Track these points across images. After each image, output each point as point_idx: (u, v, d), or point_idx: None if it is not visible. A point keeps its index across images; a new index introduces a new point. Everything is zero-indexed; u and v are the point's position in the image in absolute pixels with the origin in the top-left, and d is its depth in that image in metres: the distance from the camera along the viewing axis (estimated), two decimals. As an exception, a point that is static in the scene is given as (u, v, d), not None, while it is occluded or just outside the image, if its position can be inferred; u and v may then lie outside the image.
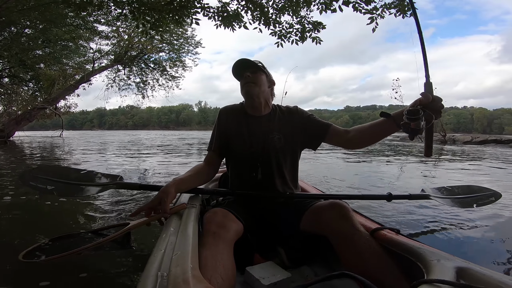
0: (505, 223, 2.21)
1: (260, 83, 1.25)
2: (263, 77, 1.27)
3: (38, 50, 12.99)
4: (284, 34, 4.18)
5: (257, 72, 1.26)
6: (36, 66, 13.54)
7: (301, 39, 4.15)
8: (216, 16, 3.95)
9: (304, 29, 4.09)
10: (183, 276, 0.64)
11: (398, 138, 20.48)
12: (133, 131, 54.75)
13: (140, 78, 17.47)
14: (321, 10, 3.77)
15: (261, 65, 1.28)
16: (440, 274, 0.69)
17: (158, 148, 10.05)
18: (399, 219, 2.23)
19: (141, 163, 5.50)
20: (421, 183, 3.69)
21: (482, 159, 7.18)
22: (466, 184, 2.16)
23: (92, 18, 11.55)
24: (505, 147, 12.69)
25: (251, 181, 1.26)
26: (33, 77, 14.57)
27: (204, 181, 1.32)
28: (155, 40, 14.79)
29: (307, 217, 1.12)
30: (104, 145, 10.99)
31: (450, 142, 15.55)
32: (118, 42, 14.83)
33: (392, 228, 1.02)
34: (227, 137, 1.31)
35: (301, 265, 1.17)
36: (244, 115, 1.32)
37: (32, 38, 11.72)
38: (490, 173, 4.74)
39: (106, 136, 21.32)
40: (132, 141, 14.98)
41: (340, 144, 1.26)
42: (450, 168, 5.23)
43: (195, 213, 1.10)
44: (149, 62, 17.01)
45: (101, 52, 15.22)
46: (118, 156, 7.00)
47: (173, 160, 6.08)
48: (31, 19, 10.18)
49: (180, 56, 16.73)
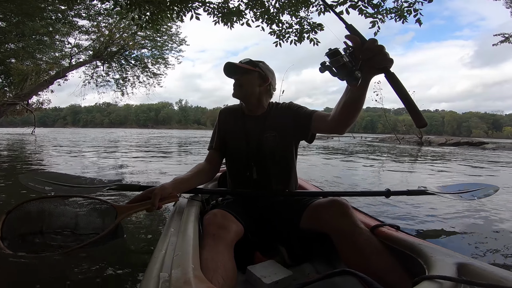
0: (504, 220, 2.28)
1: (247, 85, 1.25)
2: (252, 77, 1.25)
3: (11, 44, 12.21)
4: (283, 33, 4.18)
5: (244, 75, 1.25)
6: (7, 61, 12.73)
7: (299, 40, 4.18)
8: (216, 11, 3.86)
9: (302, 30, 4.11)
10: (185, 277, 0.64)
11: (377, 139, 21.18)
12: (110, 129, 52.79)
13: (120, 74, 16.90)
14: (320, 11, 3.82)
15: (247, 67, 1.24)
16: (441, 270, 0.69)
17: (140, 147, 9.73)
18: (399, 216, 2.27)
19: (124, 162, 5.29)
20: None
21: (467, 160, 7.54)
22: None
23: (73, 12, 11.02)
24: (477, 149, 13.48)
25: (247, 180, 1.27)
26: (3, 71, 13.67)
27: (205, 180, 1.33)
28: (137, 37, 14.36)
29: (306, 215, 1.12)
30: (85, 144, 10.48)
31: (426, 144, 16.30)
32: (98, 38, 14.22)
33: (392, 225, 1.03)
34: (225, 137, 1.33)
35: (302, 263, 1.17)
36: (241, 115, 1.33)
37: (6, 31, 10.98)
38: (478, 173, 4.99)
39: (79, 135, 20.39)
40: (113, 139, 14.40)
41: (326, 129, 1.14)
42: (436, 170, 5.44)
43: (195, 213, 1.11)
44: (130, 58, 16.48)
45: (80, 47, 14.55)
46: (109, 155, 6.69)
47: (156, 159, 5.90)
48: (5, 12, 9.53)
49: (163, 53, 16.35)
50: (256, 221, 1.18)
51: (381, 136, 24.84)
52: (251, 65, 1.25)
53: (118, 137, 17.33)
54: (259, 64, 1.26)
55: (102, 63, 15.90)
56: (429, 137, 18.55)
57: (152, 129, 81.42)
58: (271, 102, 1.35)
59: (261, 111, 1.31)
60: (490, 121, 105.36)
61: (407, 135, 19.69)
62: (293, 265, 1.14)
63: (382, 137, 23.17)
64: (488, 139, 19.01)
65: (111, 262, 1.35)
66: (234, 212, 1.08)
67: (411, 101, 0.73)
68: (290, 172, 1.32)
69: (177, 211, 1.15)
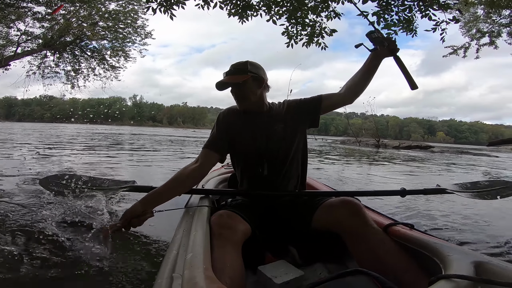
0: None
1: (248, 94, 1.27)
2: (248, 85, 1.26)
3: None
4: (295, 35, 4.13)
5: (241, 87, 1.26)
6: None
7: (308, 43, 4.17)
8: (231, 4, 3.70)
9: (313, 33, 4.10)
10: (197, 277, 0.65)
11: (337, 141, 22.35)
12: (51, 124, 47.62)
13: (72, 66, 15.24)
14: (331, 17, 3.89)
15: (240, 78, 1.25)
16: (458, 269, 0.68)
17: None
18: (411, 214, 2.27)
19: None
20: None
21: (424, 161, 8.30)
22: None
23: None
24: (427, 152, 15.07)
25: (258, 177, 1.28)
26: None
27: (191, 183, 1.28)
28: (97, 27, 13.16)
29: (318, 214, 1.13)
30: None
31: (383, 147, 17.67)
32: (52, 26, 12.69)
33: (406, 224, 1.03)
34: (230, 137, 1.30)
35: (313, 263, 1.17)
36: (244, 114, 1.33)
37: None
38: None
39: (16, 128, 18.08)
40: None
41: (338, 104, 1.35)
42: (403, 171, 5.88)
43: (205, 214, 1.11)
44: (86, 49, 14.99)
45: (30, 35, 12.84)
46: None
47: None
48: None
49: (124, 46, 15.17)
50: (266, 221, 1.18)
51: (341, 139, 26.41)
52: (242, 74, 1.24)
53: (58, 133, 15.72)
54: (248, 68, 1.26)
55: (52, 53, 14.21)
56: (384, 140, 20.14)
57: (101, 125, 75.52)
58: (268, 102, 1.37)
59: (265, 107, 1.33)
60: (426, 126, 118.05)
61: (364, 137, 21.17)
62: (304, 265, 1.13)
63: (342, 139, 24.62)
64: (425, 143, 21.35)
65: (123, 263, 1.38)
66: (241, 212, 1.08)
67: (409, 74, 1.23)
68: (302, 167, 1.33)
69: (188, 212, 1.14)
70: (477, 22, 8.57)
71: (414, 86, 1.24)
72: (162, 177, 3.79)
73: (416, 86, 1.24)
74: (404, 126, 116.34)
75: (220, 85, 1.27)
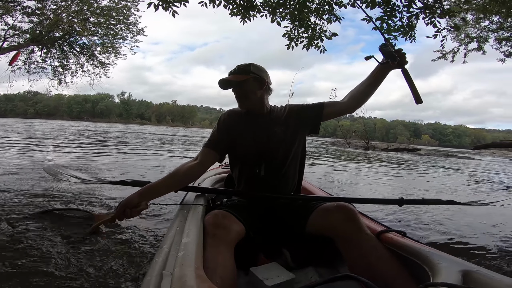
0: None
1: (249, 94, 1.29)
2: (249, 85, 1.28)
3: None
4: (296, 37, 4.16)
5: (242, 86, 1.28)
6: None
7: (308, 45, 4.20)
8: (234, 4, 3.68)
9: (313, 36, 4.14)
10: (188, 276, 0.65)
11: (328, 142, 22.58)
12: (34, 120, 46.13)
13: (60, 62, 14.83)
14: (331, 20, 3.93)
15: (241, 78, 1.27)
16: (446, 277, 0.70)
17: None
18: (405, 222, 2.30)
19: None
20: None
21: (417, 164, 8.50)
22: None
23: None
24: (414, 155, 15.46)
25: (254, 178, 1.29)
26: None
27: (189, 180, 1.30)
28: (88, 23, 12.86)
29: (313, 218, 1.14)
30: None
31: (372, 149, 17.98)
32: (41, 21, 12.32)
33: (398, 231, 1.04)
34: (231, 138, 1.31)
35: (305, 266, 1.17)
36: (246, 115, 1.35)
37: None
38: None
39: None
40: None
41: (340, 113, 1.36)
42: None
43: (200, 213, 1.12)
44: (75, 45, 14.61)
45: (17, 29, 12.42)
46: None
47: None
48: None
49: (115, 43, 14.87)
50: (260, 223, 1.20)
51: (331, 140, 26.72)
52: (244, 74, 1.28)
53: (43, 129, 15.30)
54: (250, 69, 1.29)
55: (40, 48, 13.79)
56: (372, 142, 20.50)
57: (87, 121, 73.61)
58: (270, 104, 1.39)
59: (266, 109, 1.35)
60: (412, 129, 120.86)
61: (353, 139, 21.51)
62: (296, 268, 1.14)
63: (332, 140, 24.92)
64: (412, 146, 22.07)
65: (114, 258, 1.39)
66: (236, 213, 1.09)
67: (415, 88, 1.20)
68: (299, 171, 1.37)
69: (183, 210, 1.14)
70: (466, 27, 8.74)
71: (419, 100, 1.19)
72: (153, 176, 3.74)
73: (421, 100, 1.19)
74: (391, 128, 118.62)
75: (223, 83, 1.29)
